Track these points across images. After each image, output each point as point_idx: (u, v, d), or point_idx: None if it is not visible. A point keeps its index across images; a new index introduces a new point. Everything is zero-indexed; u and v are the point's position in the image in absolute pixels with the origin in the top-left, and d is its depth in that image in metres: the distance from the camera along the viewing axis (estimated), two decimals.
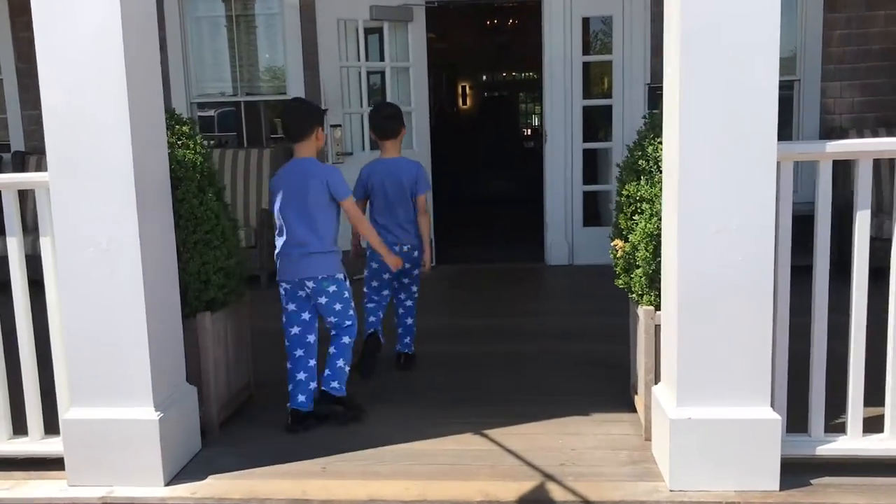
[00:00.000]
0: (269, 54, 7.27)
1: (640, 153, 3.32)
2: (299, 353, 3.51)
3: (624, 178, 3.40)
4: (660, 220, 3.11)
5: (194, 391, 3.26)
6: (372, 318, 4.21)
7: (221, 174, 6.92)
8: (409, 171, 4.20)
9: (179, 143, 3.35)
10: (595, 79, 7.47)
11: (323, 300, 3.50)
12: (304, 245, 3.46)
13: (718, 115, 2.68)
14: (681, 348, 2.78)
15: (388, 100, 6.60)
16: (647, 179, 3.24)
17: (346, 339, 3.55)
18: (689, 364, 2.78)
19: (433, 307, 5.43)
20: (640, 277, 3.23)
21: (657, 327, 3.15)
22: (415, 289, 4.35)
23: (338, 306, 3.51)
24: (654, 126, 3.31)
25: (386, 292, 4.28)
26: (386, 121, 4.23)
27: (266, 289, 6.31)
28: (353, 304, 3.57)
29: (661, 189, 3.12)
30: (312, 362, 3.52)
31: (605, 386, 3.94)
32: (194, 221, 3.27)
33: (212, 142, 8.38)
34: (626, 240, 3.35)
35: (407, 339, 4.34)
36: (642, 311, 3.23)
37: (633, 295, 3.34)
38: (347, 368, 3.56)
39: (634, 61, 6.68)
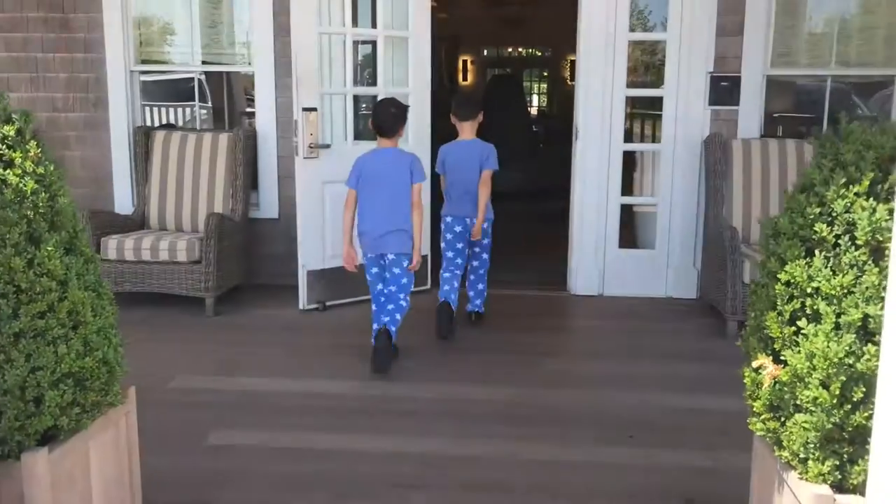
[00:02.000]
0: (233, 13, 5.77)
1: (815, 210, 1.88)
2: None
3: (776, 249, 1.96)
4: (857, 335, 1.70)
5: None
6: (446, 287, 4.68)
7: (165, 164, 5.45)
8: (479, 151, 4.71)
9: None
10: (643, 63, 6.01)
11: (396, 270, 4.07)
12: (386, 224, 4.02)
13: None
14: None
15: (381, 75, 5.15)
16: (830, 259, 1.81)
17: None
18: None
19: (418, 371, 4.03)
20: (806, 430, 1.81)
21: None
22: (486, 256, 4.89)
23: (404, 280, 4.10)
24: (841, 163, 1.87)
25: (460, 261, 4.74)
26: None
27: (214, 315, 4.89)
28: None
29: (860, 280, 1.70)
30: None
31: None
32: (14, 298, 1.84)
33: (156, 124, 6.89)
34: (780, 361, 1.91)
35: (478, 301, 4.93)
36: (807, 491, 1.81)
37: (783, 454, 1.92)
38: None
39: (695, 43, 5.22)
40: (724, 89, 5.26)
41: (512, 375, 4.02)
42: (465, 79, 20.57)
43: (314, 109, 4.87)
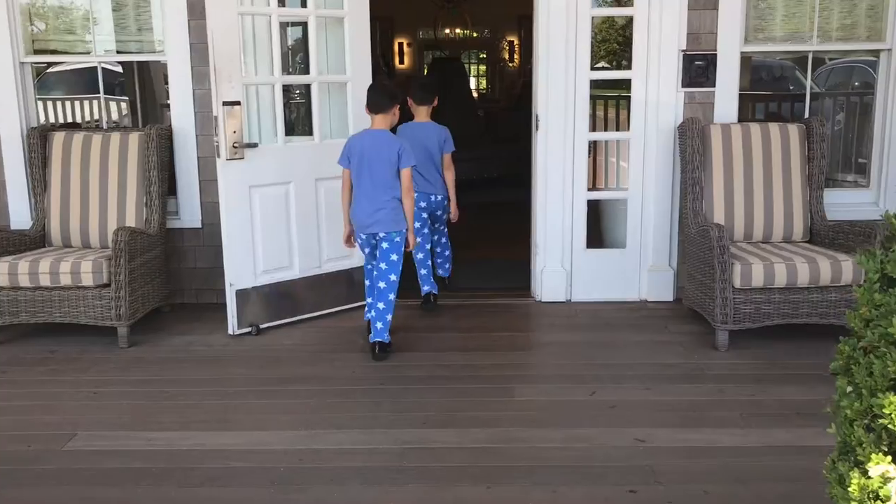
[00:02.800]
0: None
1: None
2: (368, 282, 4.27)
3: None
4: None
5: None
6: (424, 271, 4.93)
7: (67, 170, 4.71)
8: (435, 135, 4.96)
9: None
10: (608, 42, 5.45)
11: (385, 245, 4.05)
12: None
13: None
14: None
15: (314, 62, 4.47)
16: None
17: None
18: None
19: (377, 414, 3.42)
20: None
21: None
22: (444, 229, 5.25)
23: (394, 256, 4.08)
24: None
25: (426, 230, 4.98)
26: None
27: (129, 346, 4.21)
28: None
29: None
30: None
31: None
32: None
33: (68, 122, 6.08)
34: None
35: (447, 265, 5.31)
36: None
37: None
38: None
39: (666, 18, 4.68)
40: (698, 69, 4.73)
41: (480, 411, 3.43)
42: (401, 62, 19.90)
43: (237, 103, 4.18)
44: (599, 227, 5.31)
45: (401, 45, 19.67)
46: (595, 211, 5.16)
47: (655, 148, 4.82)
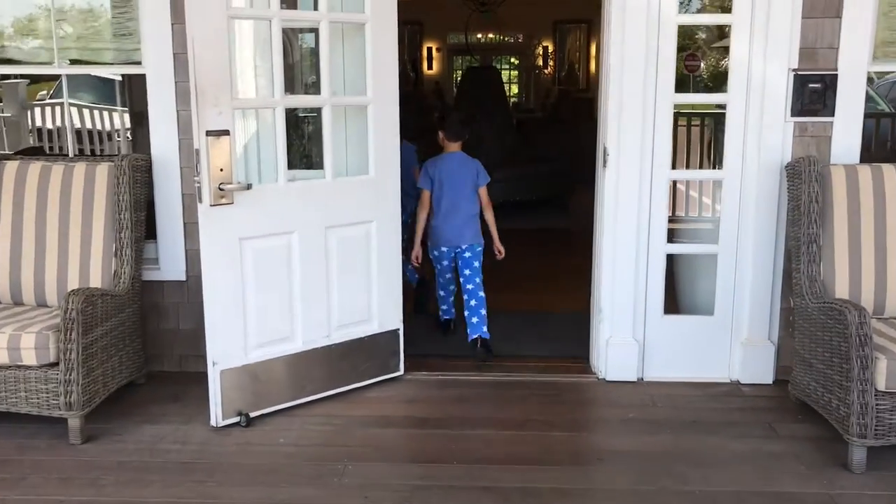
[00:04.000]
0: None
1: None
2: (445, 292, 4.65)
3: None
4: None
5: None
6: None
7: (20, 208, 3.81)
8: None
9: None
10: (708, 67, 4.46)
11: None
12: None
13: None
14: None
15: (327, 80, 3.51)
16: None
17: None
18: None
19: None
20: None
21: None
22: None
23: (477, 263, 4.46)
24: None
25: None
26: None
27: (83, 441, 3.29)
28: None
29: None
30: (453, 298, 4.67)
31: None
32: None
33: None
34: None
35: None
36: None
37: None
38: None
39: (773, 27, 3.67)
40: (813, 94, 3.72)
41: None
42: (430, 67, 19.04)
43: (225, 133, 3.23)
44: (678, 288, 4.30)
45: (429, 50, 18.82)
46: (672, 265, 4.15)
47: (756, 192, 3.81)
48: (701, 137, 5.77)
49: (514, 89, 19.43)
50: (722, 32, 5.05)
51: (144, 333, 3.94)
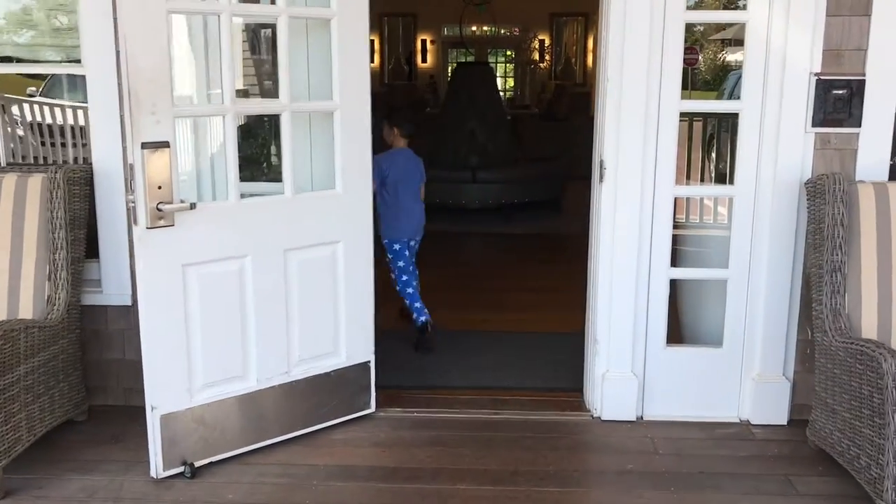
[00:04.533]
0: None
1: None
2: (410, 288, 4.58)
3: None
4: None
5: None
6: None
7: None
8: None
9: None
10: (706, 60, 4.04)
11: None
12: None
13: None
14: None
15: (286, 83, 3.08)
16: None
17: None
18: None
19: None
20: None
21: None
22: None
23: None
24: None
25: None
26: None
27: (2, 497, 2.84)
28: None
29: None
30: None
31: None
32: None
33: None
34: None
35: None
36: None
37: None
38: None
39: (793, 26, 3.24)
40: (837, 101, 3.29)
41: None
42: (424, 60, 18.59)
43: (164, 145, 2.80)
44: (682, 315, 3.88)
45: (424, 42, 18.39)
46: (675, 289, 3.73)
47: (770, 211, 3.39)
48: (704, 139, 5.29)
49: (510, 83, 19.00)
50: (719, 25, 4.62)
51: (84, 365, 3.52)
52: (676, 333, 3.75)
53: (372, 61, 17.69)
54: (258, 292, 3.13)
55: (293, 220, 3.19)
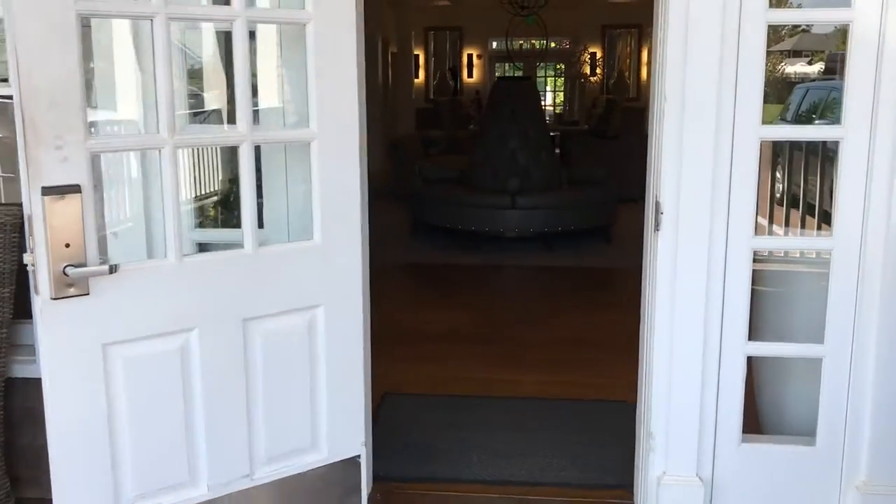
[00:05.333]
0: None
1: None
2: None
3: None
4: None
5: None
6: None
7: None
8: None
9: None
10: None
11: None
12: None
13: None
14: None
15: (244, 105, 2.37)
16: None
17: None
18: None
19: None
20: None
21: None
22: None
23: None
24: None
25: None
26: None
27: None
28: None
29: None
30: None
31: None
32: None
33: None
34: None
35: None
36: None
37: None
38: None
39: None
40: None
41: None
42: (470, 76, 17.99)
43: (74, 189, 2.11)
44: (759, 398, 3.06)
45: (470, 57, 17.81)
46: (756, 372, 2.93)
47: (881, 269, 2.58)
48: (786, 165, 4.39)
49: (560, 98, 18.30)
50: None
51: (11, 450, 2.87)
52: (752, 419, 2.94)
53: (416, 76, 17.26)
54: (209, 374, 2.43)
55: (256, 281, 2.48)
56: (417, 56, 17.19)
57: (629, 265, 3.82)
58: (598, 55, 16.48)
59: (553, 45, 17.16)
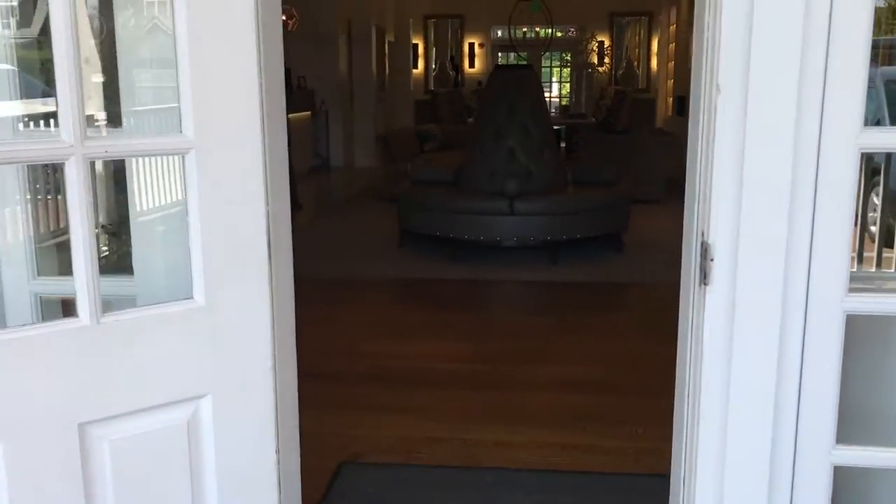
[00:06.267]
0: None
1: None
2: None
3: None
4: None
5: None
6: None
7: None
8: None
9: None
10: None
11: None
12: None
13: None
14: None
15: (72, 101, 1.53)
16: None
17: None
18: None
19: None
20: None
21: None
22: None
23: None
24: None
25: None
26: None
27: None
28: None
29: None
30: None
31: None
32: None
33: None
34: None
35: None
36: None
37: None
38: None
39: None
40: None
41: None
42: (472, 65, 17.22)
43: None
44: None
45: (472, 46, 17.08)
46: (847, 479, 2.07)
47: None
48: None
49: (566, 89, 17.51)
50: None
51: None
52: None
53: (415, 67, 16.45)
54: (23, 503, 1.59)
55: (100, 367, 1.64)
56: (416, 45, 16.44)
57: (646, 279, 3.02)
58: (606, 44, 15.70)
59: (559, 33, 16.43)
